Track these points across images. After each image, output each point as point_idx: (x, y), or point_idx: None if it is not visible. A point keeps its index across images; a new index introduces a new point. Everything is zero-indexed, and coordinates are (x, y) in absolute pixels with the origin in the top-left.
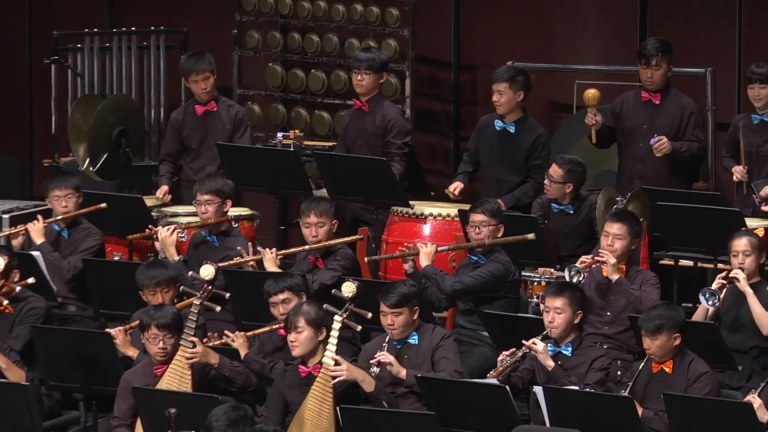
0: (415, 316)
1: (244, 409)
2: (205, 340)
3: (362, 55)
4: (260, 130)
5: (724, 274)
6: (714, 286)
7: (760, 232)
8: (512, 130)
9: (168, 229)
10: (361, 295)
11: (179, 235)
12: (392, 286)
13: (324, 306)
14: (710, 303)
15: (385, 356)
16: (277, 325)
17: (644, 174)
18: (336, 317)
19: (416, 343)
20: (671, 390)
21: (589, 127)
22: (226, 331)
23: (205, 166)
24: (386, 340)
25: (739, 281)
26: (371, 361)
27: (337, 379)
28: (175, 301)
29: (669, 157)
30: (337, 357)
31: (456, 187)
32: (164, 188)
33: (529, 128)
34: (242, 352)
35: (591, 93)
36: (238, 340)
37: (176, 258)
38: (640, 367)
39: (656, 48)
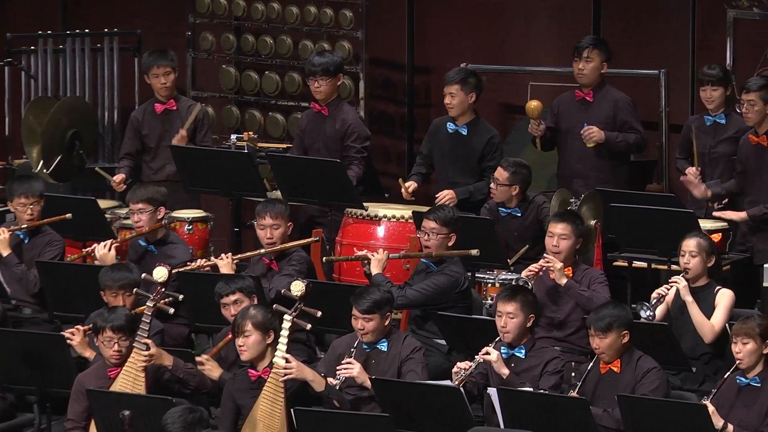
0: (387, 322)
1: (200, 412)
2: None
3: (317, 61)
4: (214, 131)
5: (663, 287)
6: (653, 296)
7: (716, 238)
8: (464, 132)
9: (105, 246)
10: (311, 294)
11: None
12: (365, 291)
13: (274, 306)
14: (646, 315)
15: (351, 366)
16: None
17: (583, 173)
18: (286, 317)
19: (385, 350)
20: (621, 389)
21: (534, 137)
22: (197, 358)
23: (164, 165)
24: (356, 343)
25: (679, 289)
26: (337, 367)
27: (286, 377)
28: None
29: (607, 154)
30: (288, 356)
31: (411, 184)
32: (121, 176)
33: (482, 130)
34: (215, 375)
35: (533, 105)
36: (207, 365)
37: None
38: (588, 368)
39: (589, 41)
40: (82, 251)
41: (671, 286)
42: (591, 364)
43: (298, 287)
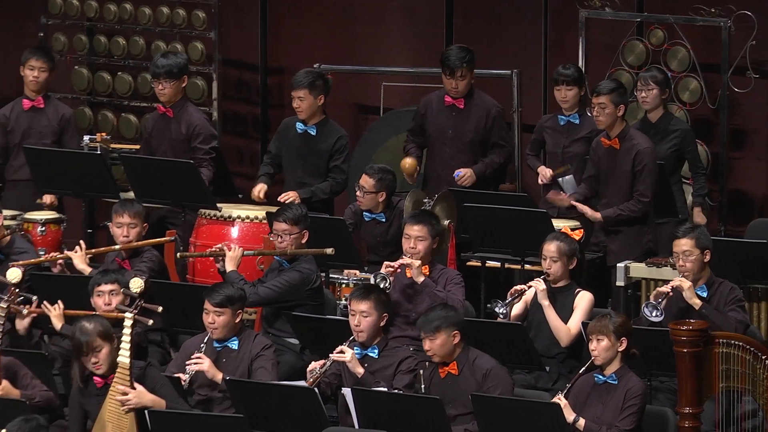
0: (237, 320)
1: (35, 419)
2: (25, 309)
3: (161, 63)
4: None
5: (521, 285)
6: (510, 293)
7: (578, 235)
8: (313, 132)
9: None
10: (150, 290)
11: None
12: (219, 285)
13: (115, 306)
14: (500, 312)
15: (200, 360)
16: (94, 313)
17: (451, 178)
18: (127, 314)
19: (236, 348)
20: (464, 389)
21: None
22: (45, 303)
23: (25, 164)
24: (205, 339)
25: (537, 292)
26: (187, 363)
27: (126, 406)
28: None
29: (474, 160)
30: (126, 389)
31: (260, 189)
32: None
33: (330, 131)
34: (58, 325)
35: (408, 162)
36: (54, 312)
37: None
38: (429, 375)
39: (460, 59)
40: None
41: (530, 286)
42: (431, 369)
43: (136, 284)
